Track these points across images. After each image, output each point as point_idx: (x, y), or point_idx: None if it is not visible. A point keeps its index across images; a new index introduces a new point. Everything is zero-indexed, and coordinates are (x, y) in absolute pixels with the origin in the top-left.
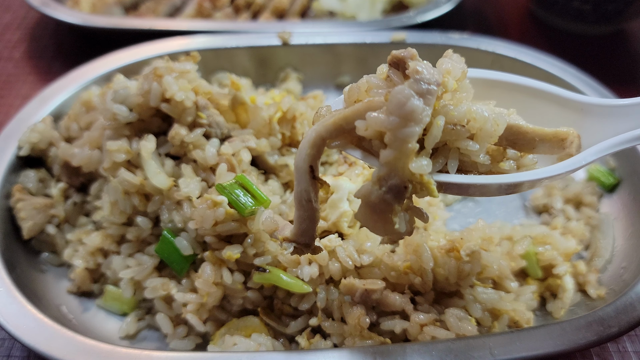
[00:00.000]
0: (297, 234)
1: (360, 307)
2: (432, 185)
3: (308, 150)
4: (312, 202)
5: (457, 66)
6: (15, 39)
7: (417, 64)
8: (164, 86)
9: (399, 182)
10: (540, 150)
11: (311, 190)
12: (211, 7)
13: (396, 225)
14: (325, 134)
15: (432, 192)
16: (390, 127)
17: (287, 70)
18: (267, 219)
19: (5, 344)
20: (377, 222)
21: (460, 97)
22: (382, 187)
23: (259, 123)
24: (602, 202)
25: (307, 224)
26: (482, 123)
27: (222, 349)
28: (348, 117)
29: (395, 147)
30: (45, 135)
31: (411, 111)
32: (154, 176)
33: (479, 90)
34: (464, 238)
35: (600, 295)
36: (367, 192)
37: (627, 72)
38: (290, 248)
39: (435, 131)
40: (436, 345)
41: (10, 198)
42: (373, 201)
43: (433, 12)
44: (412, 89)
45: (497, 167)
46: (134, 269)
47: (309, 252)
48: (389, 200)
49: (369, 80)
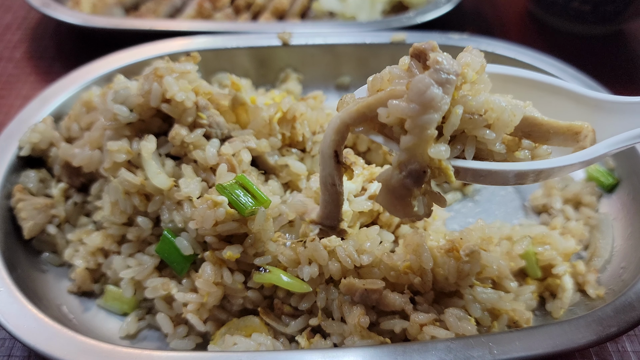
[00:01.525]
0: (322, 216)
1: (360, 306)
2: (450, 171)
3: (333, 136)
4: (336, 186)
5: (476, 60)
6: (16, 39)
7: (438, 54)
8: (164, 86)
9: (419, 167)
10: (554, 142)
11: (335, 174)
12: (211, 7)
13: (415, 208)
14: (349, 120)
15: (449, 177)
16: (411, 114)
17: (287, 70)
18: (297, 202)
19: (5, 343)
20: (397, 205)
21: (478, 88)
22: (402, 171)
23: (259, 123)
24: (602, 202)
25: (331, 207)
26: (500, 113)
27: (223, 348)
28: (371, 105)
29: (415, 133)
30: (46, 136)
31: (431, 99)
32: (154, 176)
33: (497, 85)
34: (463, 238)
35: (599, 295)
36: (387, 176)
37: (625, 72)
38: (316, 230)
39: (454, 119)
40: (436, 344)
41: (11, 198)
42: (393, 185)
43: (433, 12)
44: (432, 78)
45: (512, 156)
46: (134, 269)
47: (334, 234)
48: (408, 185)
49: (391, 70)
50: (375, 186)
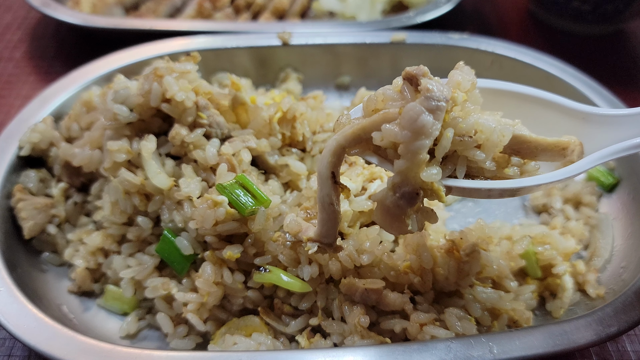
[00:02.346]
0: (320, 234)
1: (360, 306)
2: (442, 192)
3: (329, 158)
4: (333, 205)
5: (466, 78)
6: (16, 39)
7: (428, 82)
8: (164, 86)
9: (412, 189)
10: (542, 158)
11: (333, 194)
12: (211, 7)
13: (409, 226)
14: (345, 143)
15: (441, 198)
16: (403, 140)
17: (287, 70)
18: (292, 222)
19: (6, 343)
20: (392, 223)
21: (468, 109)
22: (396, 193)
23: (259, 123)
24: (602, 202)
25: (329, 226)
26: (489, 134)
27: (223, 348)
28: (365, 128)
29: (407, 158)
30: (46, 136)
31: (422, 126)
32: (154, 176)
33: (487, 99)
34: (463, 238)
35: (599, 294)
36: (382, 197)
37: (626, 72)
38: (314, 248)
39: (445, 142)
40: (436, 344)
41: (11, 198)
42: (388, 205)
43: (433, 12)
44: (422, 106)
45: (502, 172)
46: (134, 269)
47: (331, 251)
48: (402, 205)
49: (384, 92)
50: (375, 186)
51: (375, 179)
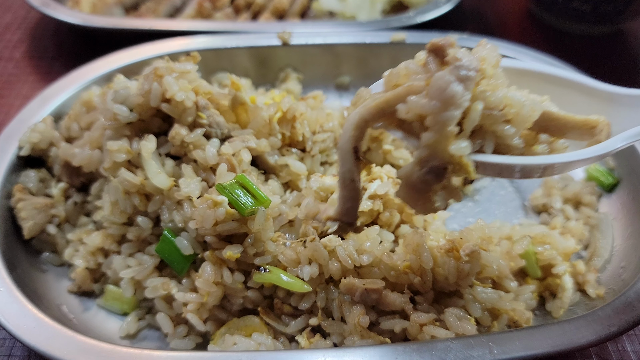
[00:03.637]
0: (341, 212)
1: (360, 306)
2: (471, 167)
3: (352, 132)
4: (355, 182)
5: (492, 54)
6: (16, 39)
7: (457, 51)
8: (164, 86)
9: (440, 163)
10: (570, 136)
11: (355, 170)
12: (211, 7)
13: (437, 203)
14: (368, 116)
15: (470, 173)
16: (432, 111)
17: (287, 70)
18: (309, 204)
19: (6, 343)
20: (417, 200)
21: (496, 83)
22: (423, 168)
23: (259, 123)
24: (601, 202)
25: (350, 203)
26: (519, 108)
27: (223, 348)
28: (390, 101)
29: (435, 129)
30: (46, 135)
31: (451, 96)
32: (154, 176)
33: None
34: (463, 238)
35: (599, 294)
36: (408, 172)
37: (626, 72)
38: (334, 227)
39: (474, 115)
40: (436, 344)
41: (11, 198)
42: (414, 181)
43: (433, 12)
44: (452, 75)
45: (530, 150)
46: (134, 269)
47: (351, 230)
48: (429, 181)
49: (407, 66)
50: (375, 186)
51: (375, 179)
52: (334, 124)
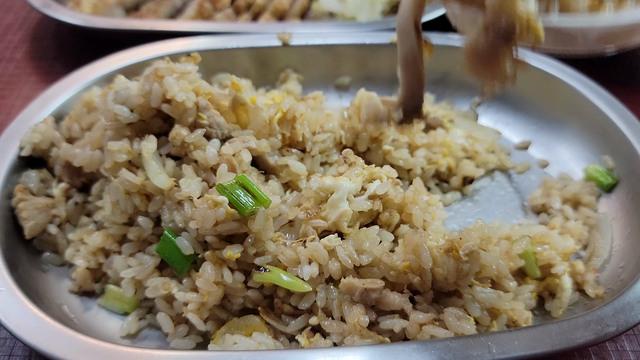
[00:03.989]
0: (406, 96)
1: (359, 306)
2: (540, 28)
3: (411, 6)
4: (418, 62)
5: None
6: (17, 39)
7: None
8: (164, 87)
9: (507, 23)
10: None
11: (417, 48)
12: (212, 8)
13: (507, 70)
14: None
15: (539, 34)
16: None
17: (287, 71)
18: (369, 104)
19: (7, 343)
20: (485, 68)
21: None
22: (490, 32)
23: (259, 124)
24: (601, 202)
25: (415, 86)
26: None
27: (223, 348)
28: None
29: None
30: (47, 136)
31: None
32: (155, 176)
33: None
34: (462, 238)
35: (598, 294)
36: (474, 40)
37: (626, 72)
38: (399, 115)
39: None
40: (435, 344)
41: (12, 198)
42: (480, 50)
43: (433, 12)
44: None
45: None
46: (135, 269)
47: (417, 116)
48: (497, 44)
49: None
50: (374, 186)
51: (375, 179)
52: (334, 124)
